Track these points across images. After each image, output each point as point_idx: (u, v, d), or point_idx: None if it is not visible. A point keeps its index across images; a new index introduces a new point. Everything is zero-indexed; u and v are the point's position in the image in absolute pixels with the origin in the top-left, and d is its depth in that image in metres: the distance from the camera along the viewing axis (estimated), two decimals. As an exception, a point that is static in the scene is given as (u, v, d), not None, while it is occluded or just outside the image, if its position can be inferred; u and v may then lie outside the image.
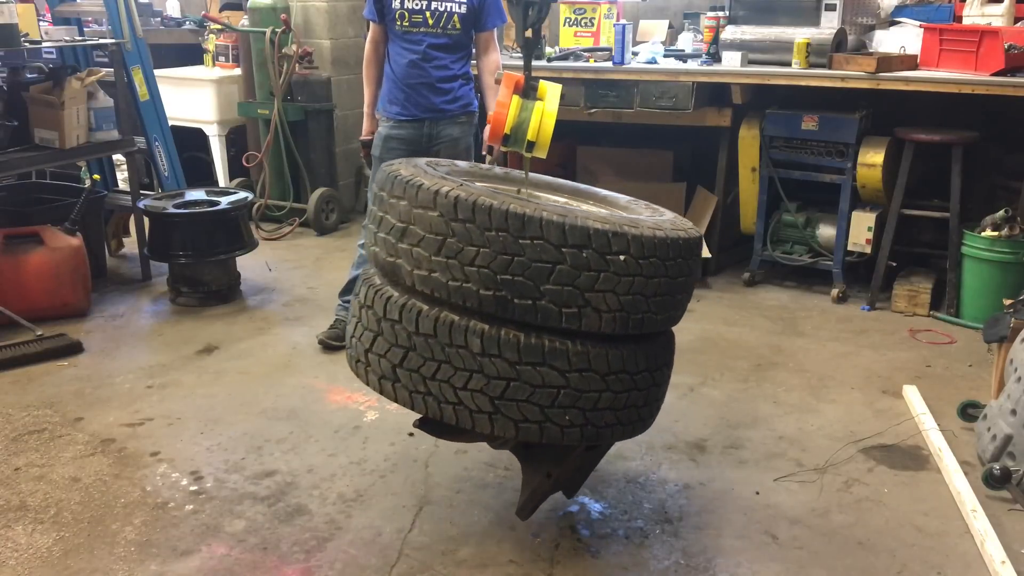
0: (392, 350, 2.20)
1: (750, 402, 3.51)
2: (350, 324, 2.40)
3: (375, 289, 2.28)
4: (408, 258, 2.16)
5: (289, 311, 4.49)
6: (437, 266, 2.10)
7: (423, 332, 2.14)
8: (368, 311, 2.28)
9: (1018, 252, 4.10)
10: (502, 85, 2.54)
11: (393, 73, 3.70)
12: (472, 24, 3.64)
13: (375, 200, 2.30)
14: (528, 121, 2.45)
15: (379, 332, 2.23)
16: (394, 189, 2.20)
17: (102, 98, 4.59)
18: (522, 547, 2.59)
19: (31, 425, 3.30)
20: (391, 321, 2.19)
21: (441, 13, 3.57)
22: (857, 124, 4.41)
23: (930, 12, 4.64)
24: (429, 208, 2.11)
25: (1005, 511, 2.75)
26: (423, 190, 2.13)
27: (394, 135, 3.73)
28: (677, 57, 4.87)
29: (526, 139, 2.45)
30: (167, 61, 6.23)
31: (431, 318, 2.13)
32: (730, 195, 4.98)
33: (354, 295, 2.42)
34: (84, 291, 4.35)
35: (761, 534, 2.65)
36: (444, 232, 2.09)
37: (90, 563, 2.51)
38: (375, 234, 2.28)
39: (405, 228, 2.16)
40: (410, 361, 2.17)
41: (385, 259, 2.23)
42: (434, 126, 3.72)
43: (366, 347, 2.28)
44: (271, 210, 5.84)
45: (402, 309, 2.18)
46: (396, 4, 3.57)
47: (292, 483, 2.91)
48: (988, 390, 3.45)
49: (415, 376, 2.17)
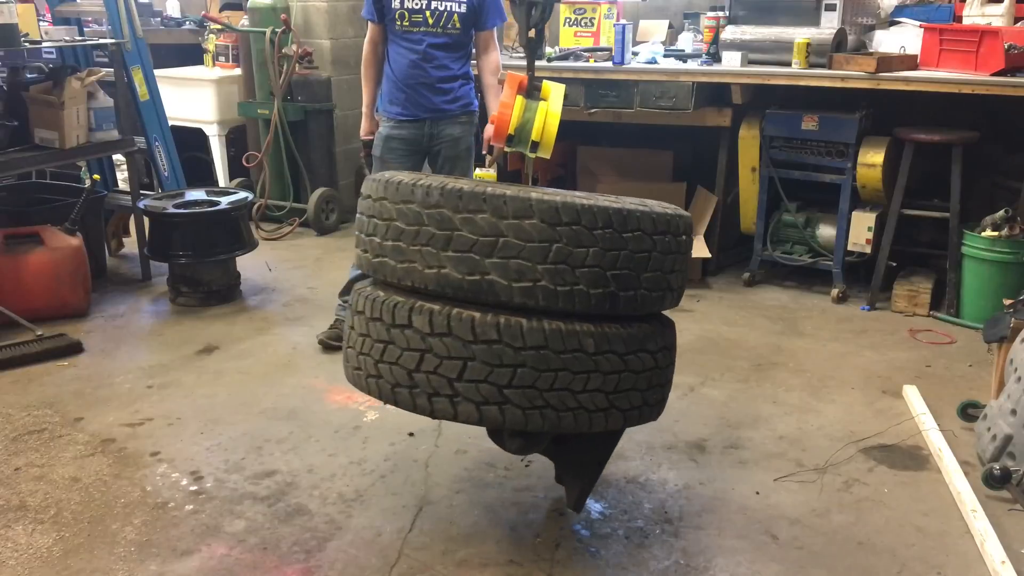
0: (405, 355, 2.13)
1: (750, 402, 3.51)
2: (352, 340, 2.32)
3: (380, 298, 2.21)
4: (419, 258, 2.11)
5: (289, 311, 4.48)
6: (447, 261, 2.07)
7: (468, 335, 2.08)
8: (375, 322, 2.21)
9: (1018, 252, 4.10)
10: (505, 85, 2.54)
11: (393, 73, 3.69)
12: (472, 23, 3.63)
13: (378, 211, 2.25)
14: (532, 121, 2.45)
15: (390, 340, 2.17)
16: (431, 197, 2.12)
17: (102, 98, 4.59)
18: (522, 547, 2.59)
19: (31, 425, 3.30)
20: (401, 326, 2.14)
21: (441, 12, 3.55)
22: (857, 124, 4.41)
23: (930, 12, 4.64)
24: (436, 206, 2.08)
25: (1005, 511, 2.75)
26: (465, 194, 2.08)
27: (395, 135, 3.73)
28: (677, 57, 4.87)
29: (530, 139, 2.45)
30: (167, 61, 6.23)
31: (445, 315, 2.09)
32: (730, 195, 4.98)
33: (353, 311, 2.33)
34: (84, 291, 4.35)
35: (761, 534, 2.65)
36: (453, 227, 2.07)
37: (90, 563, 2.51)
38: (380, 243, 2.22)
39: (418, 230, 2.11)
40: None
41: (396, 265, 2.17)
42: (435, 126, 3.71)
43: (376, 358, 2.21)
44: (271, 210, 5.84)
45: (411, 311, 2.12)
46: (396, 4, 3.56)
47: (292, 483, 2.91)
48: (988, 390, 3.45)
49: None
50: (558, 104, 2.48)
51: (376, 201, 2.21)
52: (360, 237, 2.28)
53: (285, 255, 5.38)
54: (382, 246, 2.18)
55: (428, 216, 2.08)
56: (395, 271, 2.15)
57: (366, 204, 2.26)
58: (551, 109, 2.45)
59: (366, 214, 2.25)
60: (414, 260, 2.11)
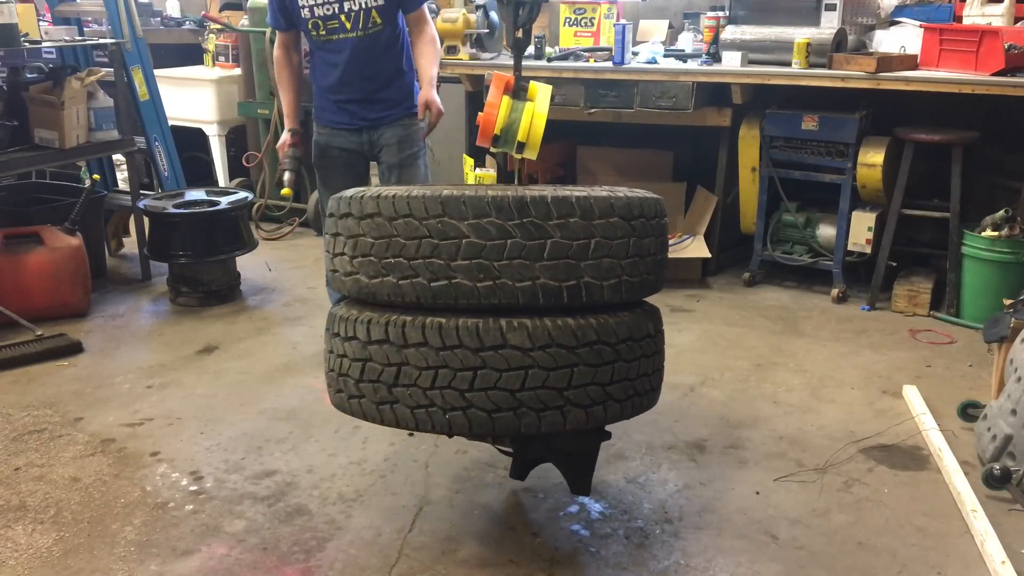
0: (386, 371, 2.12)
1: (750, 402, 3.51)
2: (333, 363, 2.28)
3: (355, 317, 2.19)
4: (394, 271, 2.11)
5: (289, 311, 4.48)
6: (419, 270, 2.07)
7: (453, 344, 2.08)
8: (351, 342, 2.19)
9: (1018, 252, 4.10)
10: (492, 86, 2.53)
11: (320, 89, 3.44)
12: (395, 11, 3.30)
13: (343, 229, 2.20)
14: (518, 122, 2.44)
15: (368, 357, 2.15)
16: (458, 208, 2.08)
17: (102, 98, 4.59)
18: (522, 547, 2.59)
19: (31, 425, 3.30)
20: (379, 342, 2.12)
21: (357, 12, 3.23)
22: (857, 124, 4.41)
23: (930, 12, 4.64)
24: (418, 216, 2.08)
25: (1005, 511, 2.75)
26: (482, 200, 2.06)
27: (334, 144, 3.49)
28: (677, 57, 4.87)
29: (516, 140, 2.44)
30: (167, 61, 6.24)
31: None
32: (730, 195, 4.98)
33: (330, 333, 2.28)
34: (84, 291, 4.35)
35: (761, 534, 2.65)
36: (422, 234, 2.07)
37: (90, 563, 2.51)
38: (350, 259, 2.19)
39: (389, 242, 2.10)
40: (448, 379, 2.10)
41: (367, 281, 2.16)
42: (373, 132, 3.45)
43: (356, 378, 2.19)
44: (271, 210, 5.84)
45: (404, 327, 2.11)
46: (305, 13, 3.26)
47: (292, 483, 2.91)
48: (988, 390, 3.45)
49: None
50: (545, 105, 2.46)
51: (434, 219, 2.09)
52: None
53: (285, 255, 5.38)
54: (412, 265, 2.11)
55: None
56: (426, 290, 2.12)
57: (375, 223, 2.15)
58: (537, 110, 2.43)
59: (372, 235, 2.16)
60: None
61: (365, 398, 2.18)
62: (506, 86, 2.51)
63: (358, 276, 2.16)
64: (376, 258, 2.12)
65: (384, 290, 2.13)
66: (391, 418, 2.16)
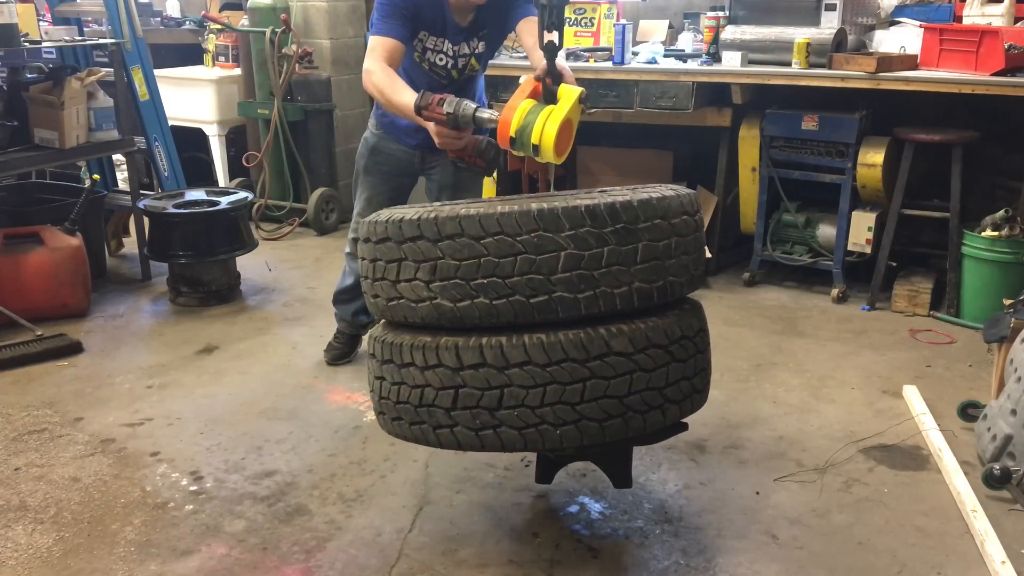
0: (487, 395, 2.08)
1: (750, 402, 3.51)
2: (405, 394, 2.21)
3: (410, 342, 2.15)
4: (486, 292, 2.06)
5: (289, 311, 4.49)
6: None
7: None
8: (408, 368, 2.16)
9: (1018, 252, 4.10)
10: (519, 89, 2.52)
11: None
12: (491, 56, 3.33)
13: (410, 254, 2.13)
14: (533, 124, 2.43)
15: (461, 384, 2.10)
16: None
17: (102, 98, 4.59)
18: (522, 547, 2.59)
19: (31, 425, 3.30)
20: (474, 367, 2.08)
21: (463, 65, 3.23)
22: (857, 124, 4.41)
23: (930, 12, 4.64)
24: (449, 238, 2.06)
25: (1005, 511, 2.75)
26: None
27: (383, 148, 3.42)
28: (677, 57, 4.87)
29: (530, 142, 2.43)
30: (167, 61, 6.24)
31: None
32: (730, 195, 4.98)
33: (396, 364, 2.21)
34: (84, 291, 4.35)
35: (761, 534, 2.65)
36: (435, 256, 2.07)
37: (90, 563, 2.51)
38: (425, 284, 2.12)
39: (479, 263, 2.04)
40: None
41: (451, 306, 2.09)
42: (430, 153, 3.33)
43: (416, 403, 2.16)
44: (271, 210, 5.84)
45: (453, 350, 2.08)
46: (417, 47, 3.13)
47: (292, 483, 2.91)
48: (988, 390, 3.45)
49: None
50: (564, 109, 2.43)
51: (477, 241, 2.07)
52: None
53: (285, 255, 5.38)
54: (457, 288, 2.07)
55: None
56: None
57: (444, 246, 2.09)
58: (553, 113, 2.42)
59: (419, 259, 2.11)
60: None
61: (459, 426, 2.12)
62: (533, 90, 2.50)
63: (438, 301, 2.10)
64: (463, 280, 2.08)
65: (474, 313, 2.07)
66: (495, 443, 2.11)
